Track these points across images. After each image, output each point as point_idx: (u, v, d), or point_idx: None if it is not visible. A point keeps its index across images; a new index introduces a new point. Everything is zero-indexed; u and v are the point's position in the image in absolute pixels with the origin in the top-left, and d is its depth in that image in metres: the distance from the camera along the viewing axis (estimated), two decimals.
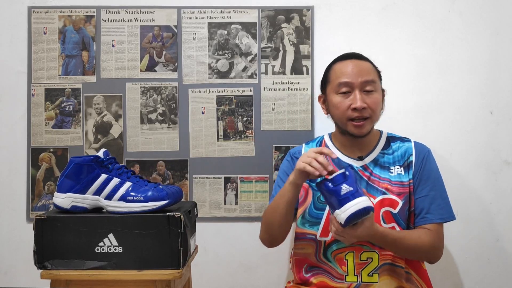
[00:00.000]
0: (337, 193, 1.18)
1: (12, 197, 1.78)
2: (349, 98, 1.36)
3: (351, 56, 1.43)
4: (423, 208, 1.37)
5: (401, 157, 1.41)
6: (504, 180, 1.77)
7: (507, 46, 1.78)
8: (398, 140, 1.46)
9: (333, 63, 1.45)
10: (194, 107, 1.80)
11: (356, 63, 1.39)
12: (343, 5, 1.79)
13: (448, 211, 1.38)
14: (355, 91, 1.36)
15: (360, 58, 1.41)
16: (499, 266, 1.77)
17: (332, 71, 1.42)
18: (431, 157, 1.43)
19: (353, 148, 1.43)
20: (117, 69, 1.80)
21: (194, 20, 1.80)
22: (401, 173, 1.39)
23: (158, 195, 1.22)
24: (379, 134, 1.47)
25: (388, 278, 1.34)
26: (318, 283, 1.38)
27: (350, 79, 1.36)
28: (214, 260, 1.80)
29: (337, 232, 1.23)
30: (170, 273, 1.20)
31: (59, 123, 1.79)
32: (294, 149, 1.53)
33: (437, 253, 1.37)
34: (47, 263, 1.21)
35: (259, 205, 1.79)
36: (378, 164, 1.41)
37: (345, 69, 1.38)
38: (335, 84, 1.38)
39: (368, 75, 1.37)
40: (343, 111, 1.37)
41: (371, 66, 1.41)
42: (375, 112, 1.38)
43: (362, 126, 1.36)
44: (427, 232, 1.34)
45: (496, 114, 1.78)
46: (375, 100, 1.37)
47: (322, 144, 1.49)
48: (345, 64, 1.39)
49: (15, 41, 1.79)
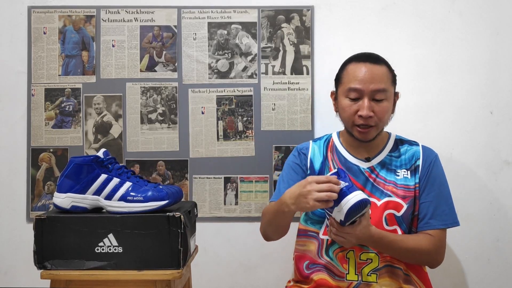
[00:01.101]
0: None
1: (12, 197, 1.78)
2: (357, 104, 1.35)
3: (367, 58, 1.37)
4: (427, 214, 1.36)
5: (408, 160, 1.41)
6: (504, 180, 1.77)
7: (507, 46, 1.78)
8: (406, 143, 1.45)
9: (348, 61, 1.40)
10: (194, 107, 1.80)
11: (370, 68, 1.34)
12: (343, 5, 1.79)
13: (452, 217, 1.38)
14: (364, 98, 1.34)
15: (375, 62, 1.36)
16: (499, 266, 1.77)
17: (346, 72, 1.39)
18: (438, 162, 1.42)
19: (360, 149, 1.43)
20: (117, 69, 1.80)
21: (194, 20, 1.80)
22: (408, 176, 1.39)
23: (158, 195, 1.22)
24: (388, 136, 1.47)
25: (388, 280, 1.34)
26: (318, 280, 1.37)
27: (361, 86, 1.33)
28: (214, 260, 1.80)
29: (337, 232, 1.23)
30: (170, 273, 1.20)
31: (59, 123, 1.79)
32: (301, 145, 1.52)
33: (437, 259, 1.37)
34: (47, 263, 1.21)
35: (259, 205, 1.79)
36: (385, 167, 1.40)
37: (358, 73, 1.34)
38: (346, 88, 1.37)
39: (380, 83, 1.34)
40: (349, 116, 1.36)
41: (386, 72, 1.37)
42: (382, 120, 1.36)
43: (367, 133, 1.36)
44: (428, 237, 1.34)
45: (496, 114, 1.78)
46: (383, 109, 1.35)
47: (330, 143, 1.48)
48: (359, 67, 1.35)
49: (15, 41, 1.79)
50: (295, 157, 1.49)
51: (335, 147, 1.46)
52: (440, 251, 1.36)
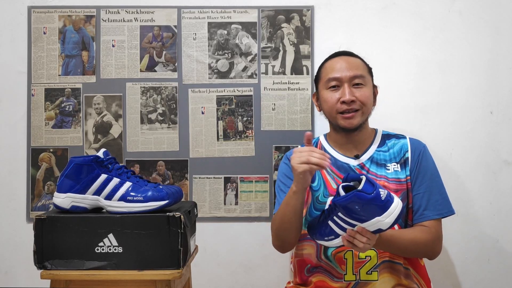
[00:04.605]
0: (377, 199, 1.11)
1: (12, 197, 1.78)
2: (338, 92, 1.39)
3: (341, 53, 1.47)
4: (421, 205, 1.37)
5: (397, 153, 1.42)
6: (504, 180, 1.77)
7: (507, 46, 1.78)
8: (393, 137, 1.46)
9: (324, 61, 1.48)
10: (194, 107, 1.80)
11: (345, 59, 1.42)
12: (343, 5, 1.79)
13: (446, 206, 1.39)
14: (344, 85, 1.38)
15: (349, 55, 1.45)
16: (499, 266, 1.77)
17: (323, 68, 1.46)
18: (427, 153, 1.43)
19: (348, 146, 1.43)
20: (117, 69, 1.80)
21: (194, 20, 1.80)
22: (398, 169, 1.40)
23: (158, 195, 1.22)
24: (375, 132, 1.48)
25: (388, 276, 1.35)
26: (317, 282, 1.38)
27: (339, 74, 1.39)
28: (214, 260, 1.80)
29: (368, 241, 1.16)
30: (170, 273, 1.20)
31: (59, 123, 1.79)
32: (290, 152, 1.51)
33: (435, 250, 1.37)
34: (47, 263, 1.21)
35: (259, 205, 1.79)
36: (374, 162, 1.41)
37: (334, 65, 1.42)
38: (325, 80, 1.42)
39: (357, 70, 1.40)
40: (332, 105, 1.39)
41: (361, 62, 1.44)
42: (366, 105, 1.39)
43: (352, 118, 1.37)
44: (424, 229, 1.35)
45: (496, 114, 1.78)
46: (364, 93, 1.39)
47: (318, 146, 1.49)
48: (335, 60, 1.44)
49: (15, 41, 1.79)
50: (286, 165, 1.49)
51: (323, 149, 1.47)
52: (437, 241, 1.36)
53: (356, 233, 1.16)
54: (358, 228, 1.16)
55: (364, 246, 1.16)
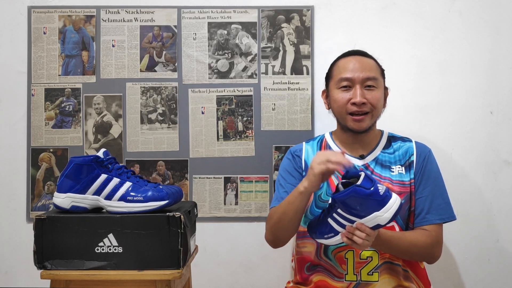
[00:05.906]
0: (376, 194, 1.13)
1: (12, 197, 1.78)
2: (349, 93, 1.38)
3: (355, 52, 1.45)
4: (423, 209, 1.37)
5: (402, 156, 1.42)
6: (504, 180, 1.77)
7: (507, 46, 1.78)
8: (399, 140, 1.46)
9: (337, 59, 1.46)
10: (194, 107, 1.80)
11: (358, 60, 1.40)
12: (343, 5, 1.79)
13: (448, 211, 1.38)
14: (356, 86, 1.37)
15: (363, 55, 1.43)
16: (499, 266, 1.77)
17: (336, 66, 1.44)
18: (432, 157, 1.43)
19: (354, 145, 1.43)
20: (117, 69, 1.80)
21: (194, 20, 1.80)
22: (402, 172, 1.39)
23: (158, 195, 1.22)
24: (381, 133, 1.48)
25: (388, 277, 1.35)
26: (318, 281, 1.38)
27: (351, 74, 1.37)
28: (214, 260, 1.80)
29: (367, 237, 1.16)
30: (170, 273, 1.20)
31: (59, 123, 1.79)
32: (294, 147, 1.52)
33: (434, 254, 1.37)
34: (47, 263, 1.21)
35: (259, 205, 1.79)
36: (379, 163, 1.41)
37: (347, 65, 1.40)
38: (337, 79, 1.40)
39: (370, 71, 1.38)
40: (342, 105, 1.38)
41: (374, 63, 1.42)
42: (376, 107, 1.38)
43: (361, 121, 1.37)
44: (425, 233, 1.34)
45: (496, 114, 1.78)
46: (375, 96, 1.38)
47: (323, 143, 1.49)
48: (348, 60, 1.42)
49: (15, 41, 1.79)
50: (289, 160, 1.49)
51: (328, 147, 1.47)
52: (436, 246, 1.36)
53: (355, 229, 1.17)
54: (357, 224, 1.17)
55: (363, 242, 1.16)
